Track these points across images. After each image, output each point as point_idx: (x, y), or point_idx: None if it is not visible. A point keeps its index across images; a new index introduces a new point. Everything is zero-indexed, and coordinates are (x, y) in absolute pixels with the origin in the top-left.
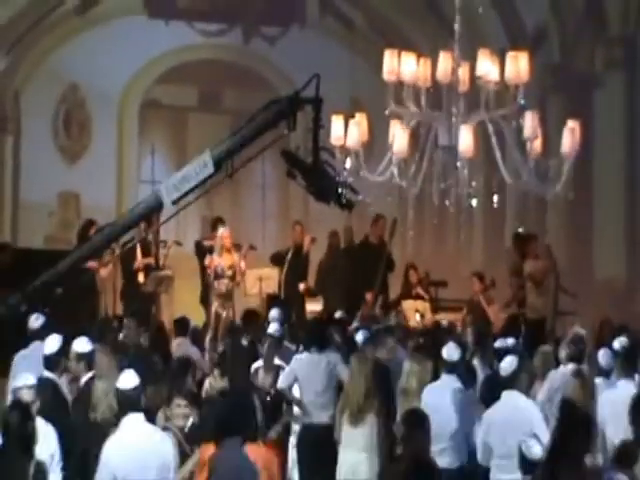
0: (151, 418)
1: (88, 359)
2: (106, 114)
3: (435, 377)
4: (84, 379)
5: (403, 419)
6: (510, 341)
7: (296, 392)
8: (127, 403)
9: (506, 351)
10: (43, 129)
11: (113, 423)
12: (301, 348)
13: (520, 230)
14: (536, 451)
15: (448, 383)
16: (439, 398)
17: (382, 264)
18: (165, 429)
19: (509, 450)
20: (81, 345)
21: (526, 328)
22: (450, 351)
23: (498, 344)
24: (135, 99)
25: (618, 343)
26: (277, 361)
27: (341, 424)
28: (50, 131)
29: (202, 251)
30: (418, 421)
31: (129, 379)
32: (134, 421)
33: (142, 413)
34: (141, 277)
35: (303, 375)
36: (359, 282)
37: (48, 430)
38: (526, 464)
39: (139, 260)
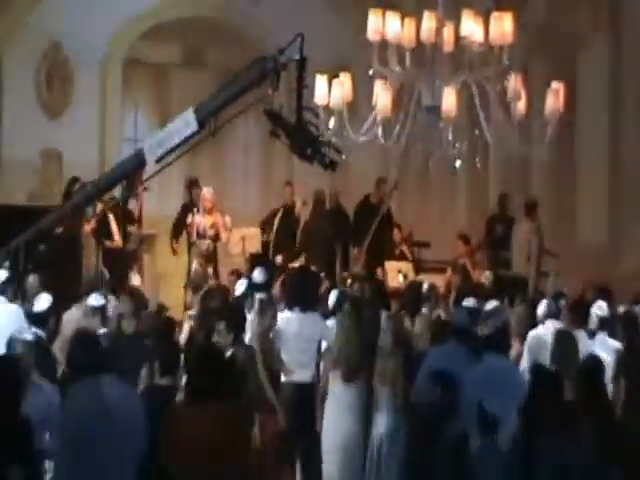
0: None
1: (102, 313)
2: (89, 72)
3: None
4: None
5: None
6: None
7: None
8: None
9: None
10: (25, 87)
11: None
12: (283, 306)
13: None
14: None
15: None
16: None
17: (376, 222)
18: None
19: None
20: (95, 299)
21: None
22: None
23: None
24: (118, 56)
25: (597, 307)
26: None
27: (331, 382)
28: (33, 89)
29: (186, 212)
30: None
31: None
32: None
33: None
34: (117, 237)
35: (286, 333)
36: (347, 241)
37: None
38: (484, 424)
39: (115, 239)
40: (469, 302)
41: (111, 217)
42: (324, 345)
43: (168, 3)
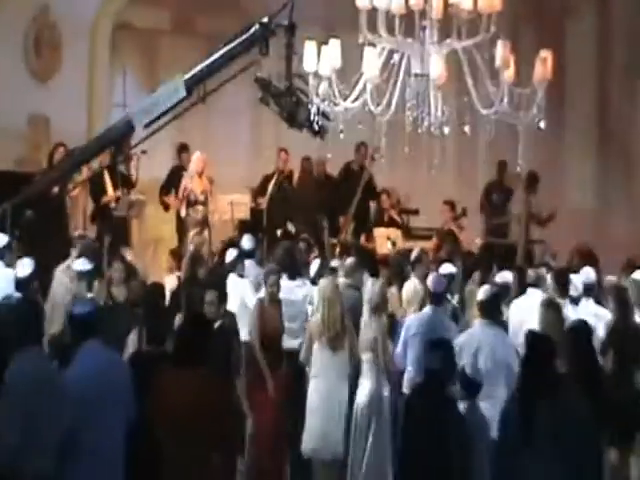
0: None
1: (89, 278)
2: (77, 36)
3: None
4: None
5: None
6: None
7: None
8: None
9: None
10: (13, 51)
11: None
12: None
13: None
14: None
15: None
16: None
17: (360, 190)
18: None
19: None
20: (81, 264)
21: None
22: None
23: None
24: (107, 21)
25: (583, 274)
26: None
27: (316, 350)
28: (20, 53)
29: (176, 174)
30: None
31: None
32: None
33: None
34: (110, 191)
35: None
36: (335, 209)
37: None
38: (467, 386)
39: (110, 195)
40: (448, 269)
41: (107, 180)
42: (310, 311)
43: None
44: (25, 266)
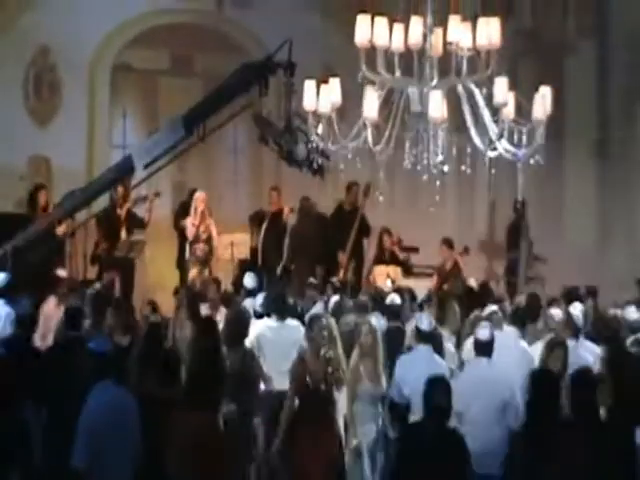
0: None
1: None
2: (77, 78)
3: None
4: None
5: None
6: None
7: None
8: None
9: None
10: (13, 93)
11: None
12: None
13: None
14: None
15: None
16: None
17: (355, 229)
18: None
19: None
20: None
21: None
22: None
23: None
24: (106, 62)
25: (573, 308)
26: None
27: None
28: (20, 95)
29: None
30: None
31: None
32: None
33: None
34: (124, 234)
35: (267, 341)
36: (331, 249)
37: None
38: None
39: (123, 207)
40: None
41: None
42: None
43: (156, 9)
44: (24, 305)
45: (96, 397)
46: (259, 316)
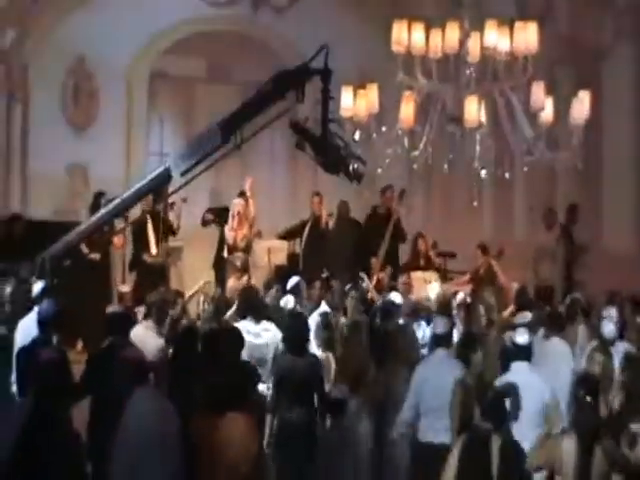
0: None
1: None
2: (114, 86)
3: None
4: None
5: None
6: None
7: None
8: None
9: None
10: (51, 102)
11: None
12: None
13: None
14: None
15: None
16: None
17: (389, 233)
18: None
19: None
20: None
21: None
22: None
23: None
24: (143, 70)
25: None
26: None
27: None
28: (58, 103)
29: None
30: None
31: None
32: None
33: None
34: (154, 249)
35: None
36: (366, 252)
37: None
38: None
39: (152, 252)
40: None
41: (149, 227)
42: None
43: (192, 17)
44: (49, 308)
45: (136, 406)
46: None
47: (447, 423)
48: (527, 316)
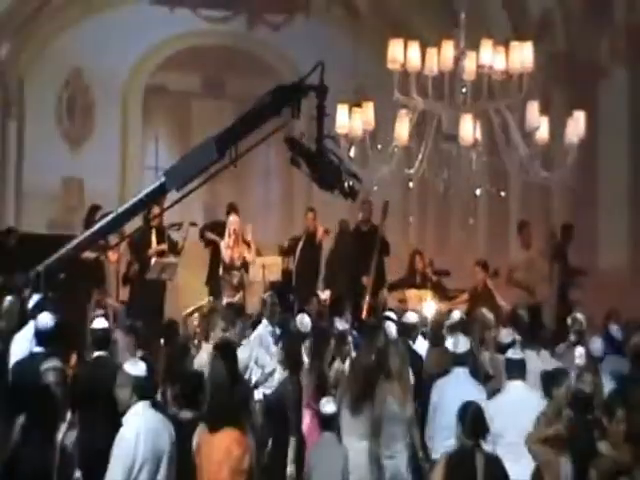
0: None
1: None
2: (110, 100)
3: None
4: None
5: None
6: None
7: None
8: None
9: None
10: (47, 115)
11: None
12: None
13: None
14: None
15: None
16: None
17: (375, 249)
18: None
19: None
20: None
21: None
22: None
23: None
24: (139, 85)
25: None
26: None
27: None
28: (54, 117)
29: (207, 239)
30: None
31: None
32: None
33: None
34: (154, 246)
35: None
36: (355, 272)
37: None
38: None
39: (154, 247)
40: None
41: (153, 241)
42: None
43: (188, 32)
44: (47, 321)
45: (133, 421)
46: None
47: None
48: (510, 334)
